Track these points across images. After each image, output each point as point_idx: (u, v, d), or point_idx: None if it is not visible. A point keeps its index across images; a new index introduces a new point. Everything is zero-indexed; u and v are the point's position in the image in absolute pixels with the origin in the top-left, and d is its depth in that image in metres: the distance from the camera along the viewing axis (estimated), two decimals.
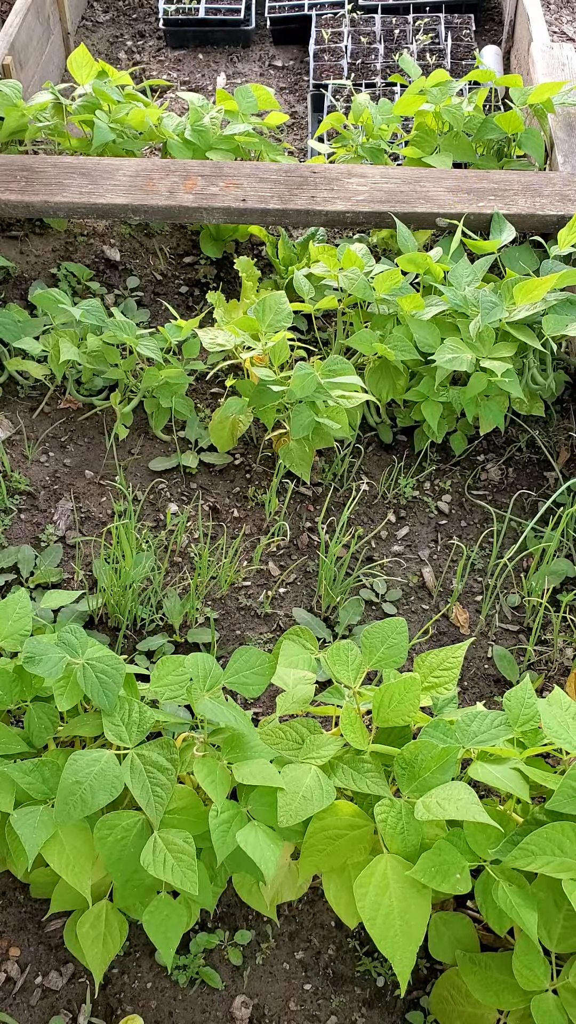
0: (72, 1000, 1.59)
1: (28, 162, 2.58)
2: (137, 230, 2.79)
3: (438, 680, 1.56)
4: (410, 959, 1.32)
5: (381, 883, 1.34)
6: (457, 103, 2.69)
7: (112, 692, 1.43)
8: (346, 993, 1.59)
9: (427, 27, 3.51)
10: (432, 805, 1.33)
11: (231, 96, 2.77)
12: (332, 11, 3.65)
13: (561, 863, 1.27)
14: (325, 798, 1.38)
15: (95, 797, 1.34)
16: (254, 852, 1.33)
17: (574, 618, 2.03)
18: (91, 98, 2.72)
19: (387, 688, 1.45)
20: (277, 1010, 1.57)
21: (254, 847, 1.34)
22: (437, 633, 2.03)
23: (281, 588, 2.09)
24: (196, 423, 2.34)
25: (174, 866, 1.33)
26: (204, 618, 2.02)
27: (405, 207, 2.46)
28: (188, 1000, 1.58)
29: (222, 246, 2.76)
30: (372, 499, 2.26)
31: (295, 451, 2.18)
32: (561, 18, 3.83)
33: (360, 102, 2.75)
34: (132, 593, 1.96)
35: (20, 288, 2.62)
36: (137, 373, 2.35)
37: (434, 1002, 1.50)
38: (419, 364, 2.26)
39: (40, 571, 2.06)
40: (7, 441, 2.31)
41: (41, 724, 1.50)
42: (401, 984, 1.32)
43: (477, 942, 1.49)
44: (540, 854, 1.28)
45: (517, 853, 1.28)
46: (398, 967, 1.32)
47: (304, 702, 1.59)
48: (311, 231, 2.63)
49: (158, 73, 3.64)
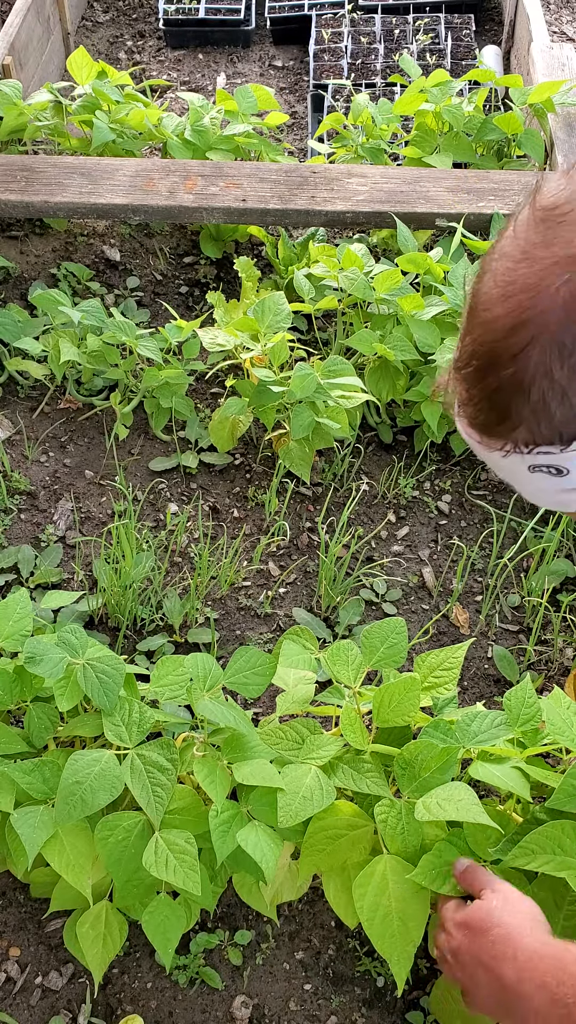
0: (72, 1000, 1.59)
1: (28, 162, 2.58)
2: (137, 230, 2.79)
3: (438, 680, 1.56)
4: (407, 960, 1.32)
5: (380, 884, 1.34)
6: (457, 103, 2.69)
7: (112, 692, 1.43)
8: (346, 993, 1.59)
9: (427, 27, 3.51)
10: (432, 806, 1.33)
11: (231, 96, 2.77)
12: (332, 11, 3.65)
13: (562, 862, 1.27)
14: (325, 798, 1.38)
15: (95, 797, 1.34)
16: (254, 851, 1.33)
17: (574, 618, 2.03)
18: (91, 98, 2.72)
19: (387, 688, 1.45)
20: (277, 1010, 1.57)
21: (254, 846, 1.34)
22: (437, 633, 2.03)
23: (281, 588, 2.10)
24: (196, 423, 2.34)
25: (176, 867, 1.33)
26: (204, 618, 2.03)
27: (405, 207, 2.46)
28: (188, 1000, 1.58)
29: (222, 246, 2.76)
30: (372, 499, 2.26)
31: (295, 451, 2.18)
32: (561, 18, 3.84)
33: (360, 102, 2.75)
34: (132, 593, 1.96)
35: (20, 288, 2.62)
36: (137, 373, 2.35)
37: (434, 1002, 1.50)
38: (419, 364, 2.26)
39: (40, 571, 2.06)
40: (7, 441, 2.31)
41: (41, 724, 1.50)
42: (398, 984, 1.32)
43: None
44: (540, 853, 1.28)
45: (517, 852, 1.28)
46: (395, 968, 1.32)
47: (304, 702, 1.59)
48: (311, 231, 2.63)
49: (158, 73, 3.64)
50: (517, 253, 0.81)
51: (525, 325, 0.78)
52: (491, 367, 0.81)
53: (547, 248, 0.79)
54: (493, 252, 0.84)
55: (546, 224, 0.80)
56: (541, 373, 0.78)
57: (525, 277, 0.79)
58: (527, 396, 0.80)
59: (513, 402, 0.81)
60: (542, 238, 0.80)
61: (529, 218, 0.82)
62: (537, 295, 0.78)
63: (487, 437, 0.86)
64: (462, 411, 0.88)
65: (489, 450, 0.88)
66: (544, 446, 0.83)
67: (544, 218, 0.81)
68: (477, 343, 0.83)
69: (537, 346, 0.78)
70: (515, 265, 0.80)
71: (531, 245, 0.80)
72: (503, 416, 0.82)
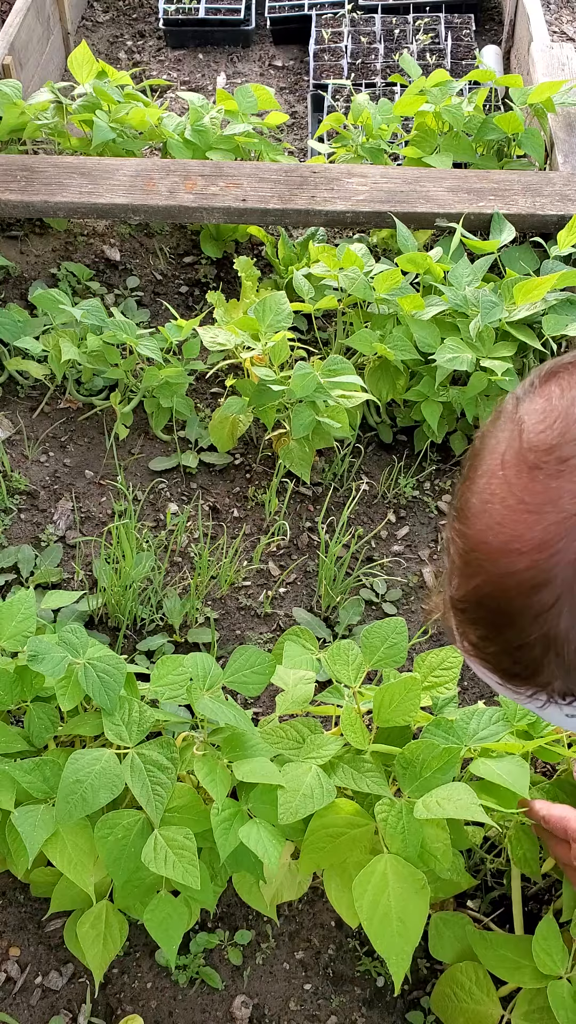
0: (72, 1000, 1.59)
1: (28, 162, 2.58)
2: (137, 230, 2.79)
3: (438, 680, 1.56)
4: (406, 959, 1.32)
5: (380, 883, 1.34)
6: (457, 103, 2.69)
7: (114, 691, 1.43)
8: (346, 993, 1.59)
9: (427, 27, 3.51)
10: (432, 804, 1.33)
11: (231, 96, 2.77)
12: (332, 11, 3.65)
13: None
14: (325, 796, 1.38)
15: (96, 796, 1.34)
16: (257, 846, 1.33)
17: None
18: (91, 98, 2.72)
19: (388, 688, 1.45)
20: (277, 1010, 1.57)
21: (256, 842, 1.34)
22: (437, 633, 2.03)
23: (281, 588, 2.09)
24: (196, 423, 2.34)
25: (175, 862, 1.33)
26: (204, 618, 2.02)
27: (405, 207, 2.46)
28: (188, 1000, 1.58)
29: (222, 246, 2.76)
30: (372, 499, 2.26)
31: (295, 451, 2.18)
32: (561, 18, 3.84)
33: (360, 102, 2.75)
34: (132, 593, 1.96)
35: (20, 288, 2.62)
36: (137, 373, 2.35)
37: (436, 1000, 1.50)
38: (419, 364, 2.26)
39: (40, 571, 2.06)
40: (7, 441, 2.31)
41: (41, 724, 1.50)
42: (396, 984, 1.32)
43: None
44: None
45: None
46: (393, 967, 1.32)
47: (304, 702, 1.59)
48: (311, 231, 2.63)
49: (158, 73, 3.64)
50: (516, 503, 0.76)
51: (548, 585, 0.74)
52: (511, 624, 0.77)
53: (554, 504, 0.74)
54: (478, 488, 0.79)
55: (545, 473, 0.75)
56: (573, 634, 0.74)
57: (535, 533, 0.74)
58: (560, 656, 0.76)
59: (544, 660, 0.77)
60: (543, 489, 0.75)
61: (520, 461, 0.76)
62: (555, 554, 0.73)
63: (512, 683, 0.82)
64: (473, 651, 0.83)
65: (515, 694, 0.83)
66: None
67: (538, 464, 0.75)
68: (485, 594, 0.78)
69: (566, 606, 0.74)
70: (519, 517, 0.75)
71: (534, 497, 0.75)
72: (533, 671, 0.78)
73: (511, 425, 0.79)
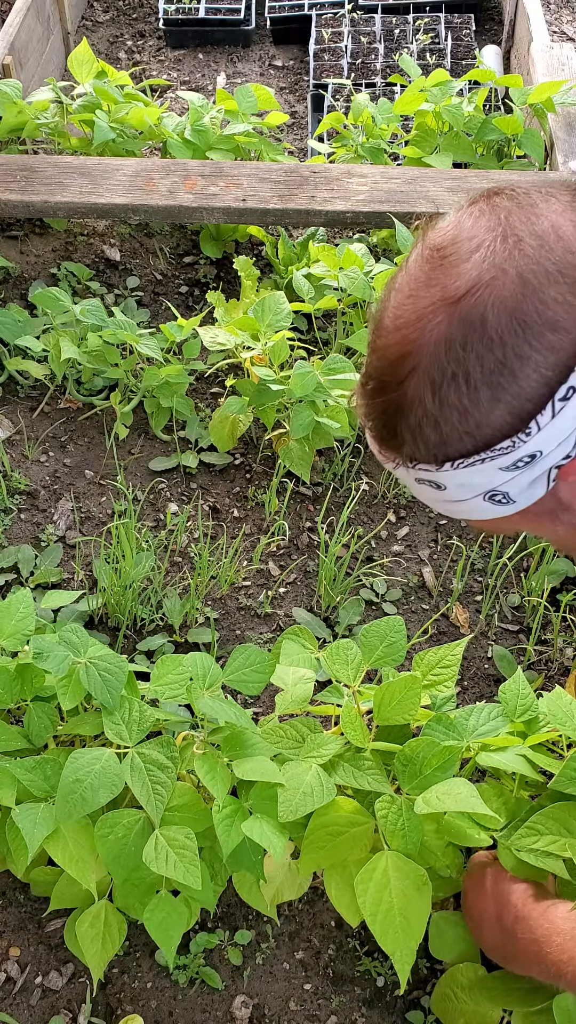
0: (72, 1000, 1.59)
1: (28, 162, 2.58)
2: (137, 230, 2.79)
3: (437, 678, 1.56)
4: (410, 956, 1.32)
5: (382, 880, 1.34)
6: (457, 103, 2.69)
7: (115, 690, 1.43)
8: (346, 993, 1.59)
9: (427, 27, 3.51)
10: (432, 799, 1.33)
11: (231, 96, 2.77)
12: (332, 11, 3.65)
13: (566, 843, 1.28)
14: (326, 794, 1.38)
15: (96, 795, 1.34)
16: (261, 839, 1.34)
17: (574, 618, 2.03)
18: (91, 97, 2.72)
19: (387, 687, 1.45)
20: (277, 1010, 1.57)
21: (261, 835, 1.34)
22: (437, 633, 2.03)
23: (281, 588, 2.09)
24: (196, 423, 2.34)
25: (176, 862, 1.33)
26: (204, 618, 2.02)
27: (405, 207, 2.46)
28: (188, 1000, 1.58)
29: (222, 246, 2.76)
30: (372, 499, 2.26)
31: (295, 451, 2.18)
32: (561, 18, 3.84)
33: (360, 102, 2.75)
34: (132, 593, 1.96)
35: (20, 288, 2.62)
36: (137, 373, 2.35)
37: (436, 1001, 1.50)
38: None
39: (40, 571, 2.06)
40: (7, 441, 2.31)
41: (41, 723, 1.50)
42: (401, 981, 1.32)
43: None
44: (546, 833, 1.29)
45: (524, 831, 1.30)
46: (398, 964, 1.32)
47: (303, 701, 1.59)
48: (311, 231, 2.63)
49: (158, 73, 3.64)
50: (407, 289, 0.90)
51: (408, 356, 0.88)
52: (382, 389, 0.92)
53: (428, 288, 0.88)
54: (393, 282, 0.93)
55: (430, 264, 0.89)
56: (418, 401, 0.89)
57: (410, 313, 0.89)
58: (407, 419, 0.91)
59: (398, 422, 0.92)
60: (426, 277, 0.89)
61: (419, 255, 0.91)
62: (418, 331, 0.88)
63: (382, 449, 0.97)
64: (364, 422, 0.98)
65: (385, 461, 0.98)
66: (423, 463, 0.93)
67: (429, 257, 0.90)
68: (373, 366, 0.93)
69: (415, 376, 0.88)
70: (404, 300, 0.90)
71: (417, 283, 0.89)
72: (391, 433, 0.94)
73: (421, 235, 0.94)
